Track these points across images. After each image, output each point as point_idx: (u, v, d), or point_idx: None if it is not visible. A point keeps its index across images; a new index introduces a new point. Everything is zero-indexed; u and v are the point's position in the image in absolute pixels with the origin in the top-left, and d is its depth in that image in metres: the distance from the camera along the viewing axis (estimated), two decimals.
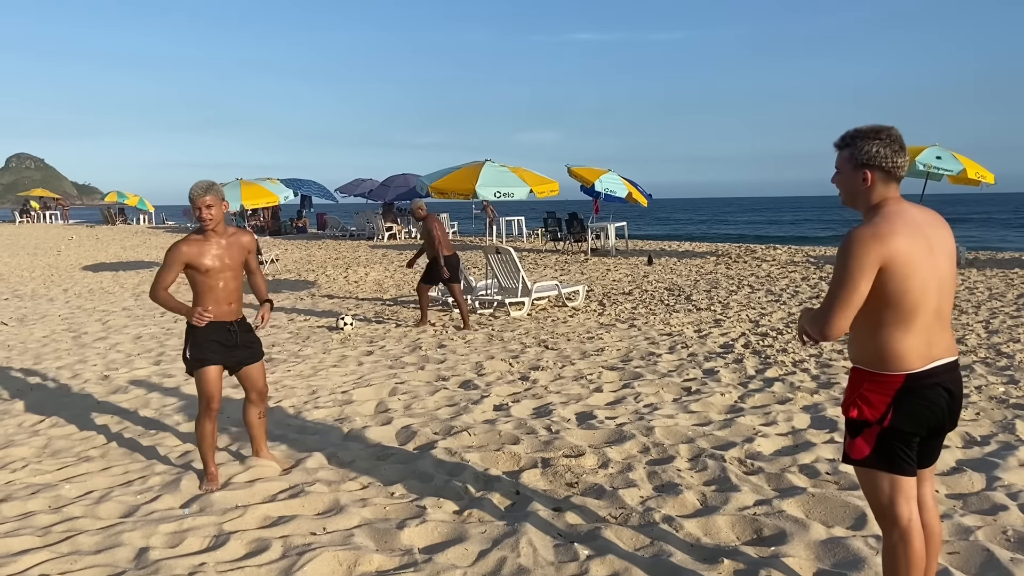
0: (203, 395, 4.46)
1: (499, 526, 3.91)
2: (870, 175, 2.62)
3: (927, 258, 2.54)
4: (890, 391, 2.59)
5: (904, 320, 2.54)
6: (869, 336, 2.61)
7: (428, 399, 6.39)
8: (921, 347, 2.57)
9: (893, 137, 2.62)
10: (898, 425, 2.60)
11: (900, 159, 2.62)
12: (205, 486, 4.47)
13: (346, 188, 31.44)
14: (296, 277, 16.83)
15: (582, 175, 19.11)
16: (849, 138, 2.67)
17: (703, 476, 4.55)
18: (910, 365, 2.57)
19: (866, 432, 2.66)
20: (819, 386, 6.54)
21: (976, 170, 15.65)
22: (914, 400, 2.59)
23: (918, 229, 2.56)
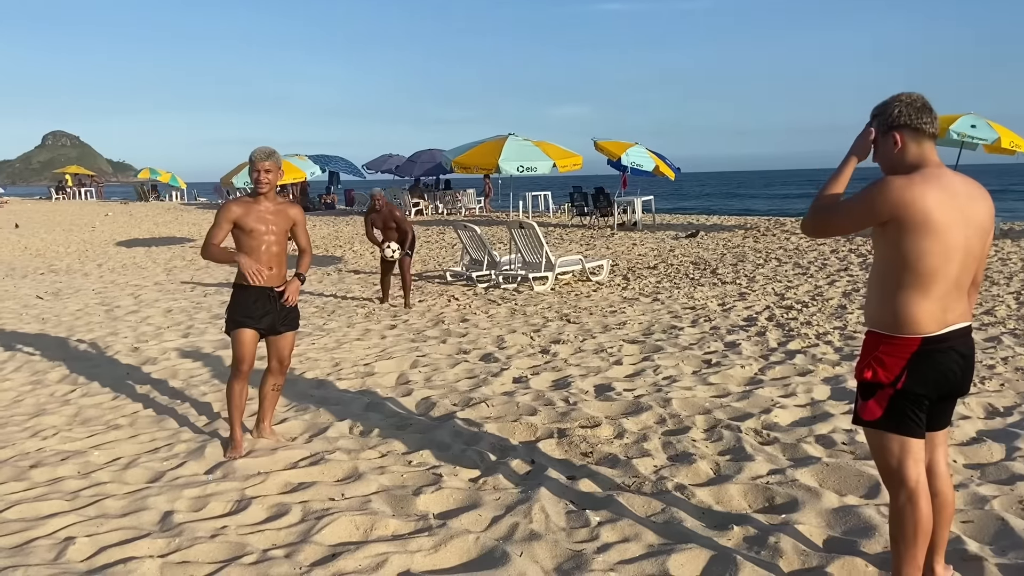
0: (235, 356, 4.59)
1: (513, 493, 3.97)
2: (898, 136, 2.64)
3: (955, 228, 2.52)
4: (905, 354, 2.61)
5: (922, 284, 2.55)
6: (887, 299, 2.63)
7: (448, 371, 6.46)
8: (937, 312, 2.58)
9: (913, 98, 2.64)
10: (911, 388, 2.63)
11: (926, 116, 2.62)
12: (229, 453, 4.57)
13: (374, 164, 31.57)
14: (323, 253, 16.98)
15: (608, 149, 18.98)
16: (875, 110, 2.73)
17: (718, 446, 4.57)
18: (925, 329, 2.58)
19: (879, 394, 2.68)
20: (842, 358, 6.49)
21: (1012, 139, 15.26)
22: (928, 363, 2.61)
23: (953, 197, 2.53)
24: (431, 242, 18.34)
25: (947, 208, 2.51)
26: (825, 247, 14.66)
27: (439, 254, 15.87)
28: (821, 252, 13.97)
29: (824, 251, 14.10)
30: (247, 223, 4.49)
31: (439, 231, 20.97)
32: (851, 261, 12.64)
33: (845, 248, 14.41)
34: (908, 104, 2.63)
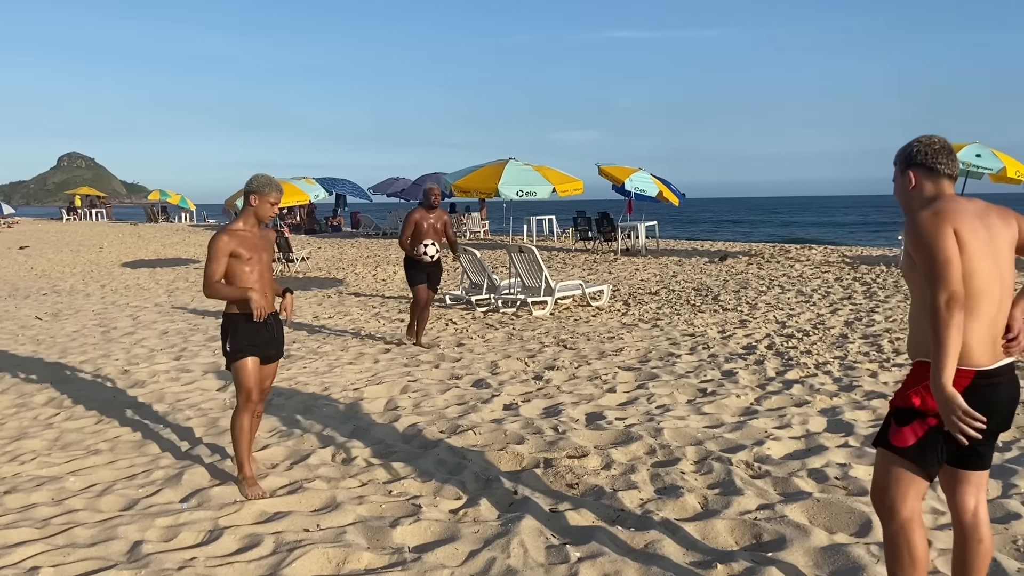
0: (243, 388, 4.34)
1: (493, 526, 3.86)
2: (913, 175, 2.68)
3: (987, 246, 2.53)
4: (958, 387, 2.50)
5: (971, 308, 2.50)
6: None
7: (439, 397, 6.36)
8: (987, 342, 2.54)
9: (932, 140, 2.68)
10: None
11: (942, 157, 2.64)
12: (249, 492, 4.29)
13: (380, 187, 31.65)
14: (326, 275, 16.97)
15: (612, 174, 18.95)
16: (900, 151, 2.76)
17: (707, 479, 4.44)
18: (979, 361, 2.54)
19: (916, 424, 2.61)
20: (840, 389, 6.36)
21: (1017, 168, 15.16)
22: (978, 399, 2.51)
23: (976, 217, 2.56)
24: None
25: (976, 229, 2.53)
26: (829, 275, 14.54)
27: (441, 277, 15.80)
28: (825, 280, 13.85)
29: (828, 279, 13.98)
30: (243, 252, 4.30)
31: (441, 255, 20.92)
32: (855, 290, 12.51)
33: (849, 276, 14.28)
34: (926, 145, 2.67)
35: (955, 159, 2.68)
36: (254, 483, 4.34)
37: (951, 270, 2.44)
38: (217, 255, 4.25)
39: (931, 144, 2.67)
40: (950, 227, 2.48)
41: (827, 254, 19.06)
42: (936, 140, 2.68)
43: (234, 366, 4.36)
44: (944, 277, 2.44)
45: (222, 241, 4.25)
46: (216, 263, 4.25)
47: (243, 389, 4.36)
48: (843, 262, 16.88)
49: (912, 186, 2.68)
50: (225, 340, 4.36)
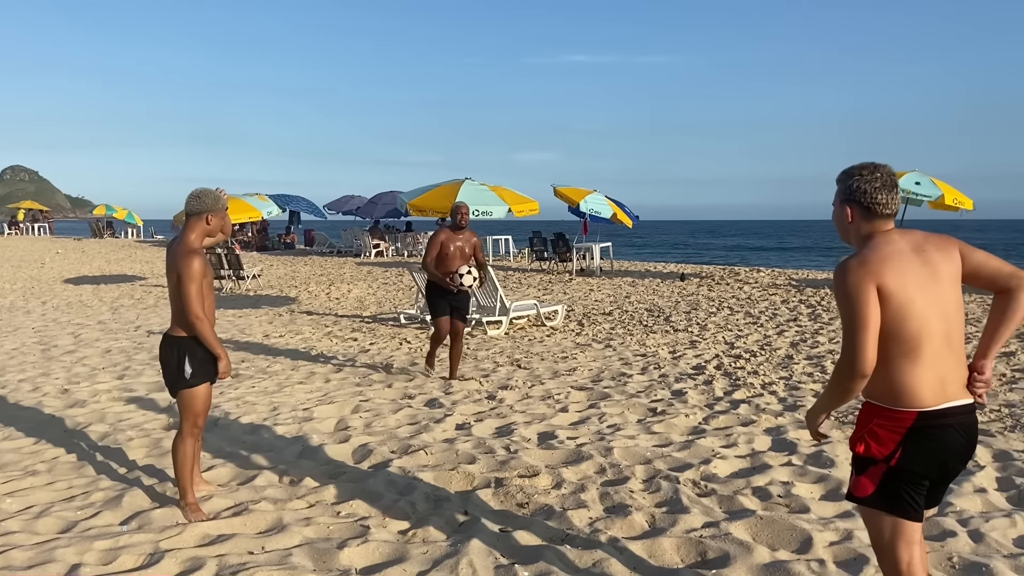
0: (193, 414, 4.21)
1: (442, 547, 3.84)
2: (850, 211, 2.61)
3: (925, 284, 2.47)
4: (901, 428, 2.48)
5: (911, 351, 2.45)
6: (879, 370, 2.50)
7: (390, 417, 6.32)
8: (934, 382, 2.46)
9: (877, 175, 2.56)
10: (906, 465, 2.50)
11: (882, 196, 2.54)
12: (191, 517, 4.17)
13: (335, 204, 31.46)
14: (278, 293, 16.75)
15: (567, 195, 19.14)
16: (840, 175, 2.66)
17: (655, 498, 4.49)
18: (922, 402, 2.46)
19: (872, 470, 2.56)
20: (785, 408, 6.50)
21: (954, 196, 15.74)
22: (925, 440, 2.47)
23: (913, 255, 2.51)
24: (388, 284, 18.21)
25: (910, 269, 2.47)
26: (777, 297, 14.85)
27: (395, 296, 15.74)
28: (772, 303, 14.14)
29: (775, 301, 14.28)
30: (208, 274, 4.18)
31: (397, 273, 20.86)
32: (800, 312, 12.80)
33: (795, 299, 14.62)
34: (867, 182, 2.56)
35: (896, 195, 2.57)
36: (197, 508, 4.24)
37: (865, 335, 2.41)
38: (196, 279, 4.06)
39: (872, 181, 2.55)
40: (873, 283, 2.43)
41: (774, 276, 19.48)
42: (878, 176, 2.56)
43: (187, 393, 4.21)
44: (856, 343, 2.42)
45: (198, 264, 4.06)
46: (196, 286, 4.05)
47: (192, 415, 4.24)
48: (790, 285, 17.26)
49: (848, 221, 2.62)
50: (183, 366, 4.19)
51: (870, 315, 2.41)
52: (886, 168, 2.59)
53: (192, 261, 4.04)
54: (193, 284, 4.03)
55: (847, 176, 2.62)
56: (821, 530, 3.93)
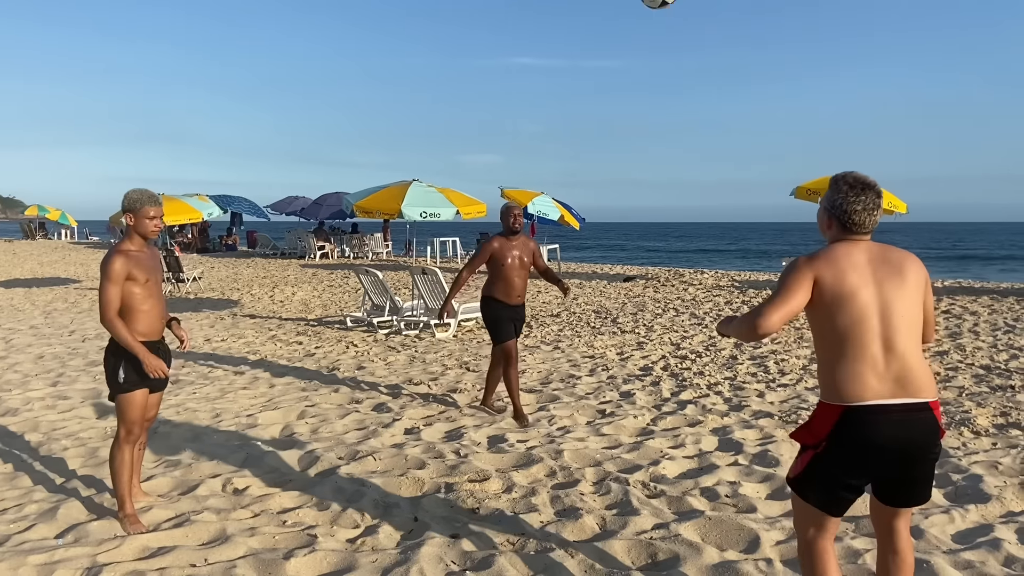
0: (128, 420, 4.07)
1: (392, 554, 3.79)
2: (828, 220, 2.75)
3: (865, 288, 2.58)
4: (829, 421, 2.60)
5: (840, 346, 2.59)
6: (820, 366, 2.69)
7: (337, 422, 6.22)
8: (866, 379, 2.54)
9: (862, 199, 2.66)
10: (830, 456, 2.61)
11: (860, 217, 2.66)
12: (130, 529, 4.03)
13: (278, 206, 30.92)
14: (219, 296, 16.38)
15: (514, 197, 19.15)
16: (832, 181, 2.75)
17: (605, 500, 4.51)
18: (849, 396, 2.55)
19: (802, 455, 2.72)
20: (730, 409, 6.60)
21: (889, 199, 16.23)
22: (849, 435, 2.56)
23: (867, 262, 2.63)
24: (334, 286, 17.97)
25: (854, 274, 2.60)
26: (720, 298, 15.11)
27: (341, 299, 15.54)
28: (716, 304, 14.38)
29: (719, 302, 14.52)
30: (139, 275, 4.02)
31: (343, 275, 20.60)
32: (744, 312, 13.04)
33: (738, 300, 14.89)
34: (851, 203, 2.66)
35: (875, 216, 2.67)
36: (136, 520, 4.09)
37: (777, 303, 2.59)
38: (116, 278, 3.94)
39: (855, 203, 2.65)
40: (811, 273, 2.61)
41: (718, 278, 19.82)
42: (862, 200, 2.66)
43: (122, 398, 4.07)
44: (767, 306, 2.60)
45: (118, 263, 3.95)
46: (114, 287, 3.95)
47: (127, 421, 4.09)
48: (732, 286, 17.58)
49: (828, 228, 2.76)
50: (117, 370, 4.05)
51: (794, 295, 2.60)
52: (873, 191, 2.67)
53: (112, 262, 3.95)
54: (111, 285, 3.94)
55: (836, 189, 2.71)
56: (768, 529, 4.00)
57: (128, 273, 3.99)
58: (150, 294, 4.09)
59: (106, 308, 3.95)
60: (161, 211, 4.15)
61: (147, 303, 4.08)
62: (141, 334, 4.05)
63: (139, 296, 4.04)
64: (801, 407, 6.60)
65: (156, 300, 4.15)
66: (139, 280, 4.03)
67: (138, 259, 4.05)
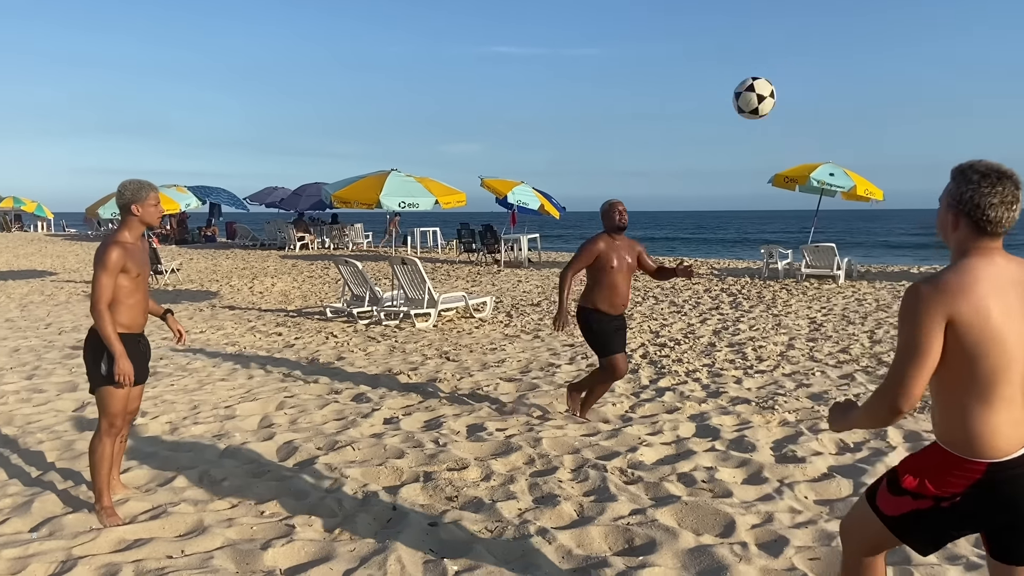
0: (109, 413, 4.02)
1: (369, 544, 3.79)
2: (954, 219, 2.26)
3: (1012, 321, 2.16)
4: (967, 477, 2.22)
5: (983, 393, 2.17)
6: (948, 412, 2.25)
7: (316, 413, 6.20)
8: (1008, 428, 2.19)
9: (998, 189, 2.19)
10: (962, 512, 2.26)
11: (997, 213, 2.18)
12: (107, 522, 4.00)
13: (257, 197, 30.69)
14: (198, 287, 16.25)
15: (495, 187, 19.13)
16: (957, 171, 2.28)
17: (583, 487, 4.54)
18: (994, 452, 2.19)
19: (909, 499, 2.33)
20: (708, 395, 6.66)
21: (866, 187, 16.38)
22: (994, 493, 2.21)
23: (1007, 287, 2.19)
24: (314, 277, 17.89)
25: (999, 301, 2.16)
26: (699, 287, 15.19)
27: (321, 290, 15.47)
28: (695, 291, 14.47)
29: (698, 291, 14.61)
30: (132, 268, 3.97)
31: (323, 266, 20.51)
32: (722, 300, 13.13)
33: (717, 288, 14.98)
34: (985, 196, 2.19)
35: (1014, 215, 2.21)
36: (112, 512, 4.06)
37: (915, 368, 2.16)
38: (111, 270, 3.89)
39: (991, 195, 2.18)
40: (944, 313, 2.14)
41: (697, 266, 19.93)
42: (999, 191, 2.18)
43: (104, 391, 4.02)
44: (904, 374, 2.18)
45: (115, 254, 3.89)
46: (109, 278, 3.89)
47: (109, 414, 4.04)
48: (712, 274, 17.69)
49: (953, 230, 2.28)
50: (99, 362, 3.98)
51: (929, 349, 2.15)
52: (1012, 181, 2.20)
53: (109, 252, 3.90)
54: (106, 276, 3.89)
55: (964, 180, 2.24)
56: (743, 513, 4.04)
57: (123, 265, 3.94)
58: (137, 287, 4.05)
59: (99, 299, 3.89)
60: (159, 197, 4.15)
61: (133, 297, 4.04)
62: (124, 326, 4.01)
63: (127, 289, 3.99)
64: (778, 393, 6.67)
65: (143, 294, 4.11)
66: (131, 273, 3.99)
67: (133, 251, 4.02)
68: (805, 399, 6.48)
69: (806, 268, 16.01)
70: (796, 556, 3.59)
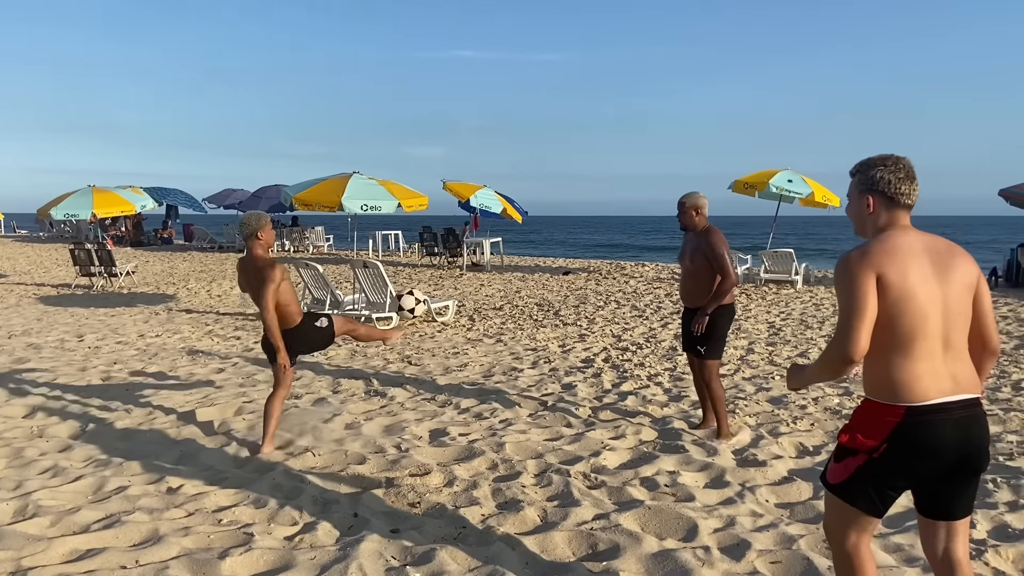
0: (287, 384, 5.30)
1: (330, 551, 3.73)
2: (872, 200, 2.57)
3: (927, 283, 2.44)
4: (889, 422, 2.44)
5: (904, 345, 2.42)
6: (872, 364, 2.50)
7: None
8: (927, 377, 2.42)
9: (899, 165, 2.56)
10: (890, 459, 2.46)
11: (904, 186, 2.54)
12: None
13: (215, 198, 30.26)
14: (154, 290, 15.91)
15: (457, 190, 19.08)
16: (858, 166, 2.64)
17: (547, 492, 4.53)
18: (912, 396, 2.42)
19: (849, 460, 2.55)
20: (670, 399, 6.70)
21: (823, 193, 16.69)
22: (913, 436, 2.42)
23: (920, 253, 2.48)
24: None
25: (914, 266, 2.44)
26: (661, 291, 15.33)
27: None
28: (656, 296, 14.59)
29: (660, 295, 14.73)
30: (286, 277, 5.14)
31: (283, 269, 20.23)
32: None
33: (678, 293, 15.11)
34: (892, 172, 2.54)
35: (915, 187, 2.56)
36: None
37: (859, 322, 2.39)
38: (277, 280, 4.96)
39: (896, 171, 2.54)
40: (873, 273, 2.42)
41: (659, 271, 20.11)
42: (902, 167, 2.56)
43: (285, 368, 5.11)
44: (849, 329, 2.40)
45: (279, 270, 4.98)
46: (275, 286, 4.96)
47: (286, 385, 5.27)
48: (673, 278, 17.86)
49: (869, 211, 2.59)
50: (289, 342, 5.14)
51: (867, 303, 2.40)
52: (907, 159, 2.58)
53: (273, 270, 4.96)
54: (272, 285, 4.94)
55: (868, 167, 2.59)
56: (706, 517, 4.07)
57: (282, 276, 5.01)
58: (291, 290, 5.20)
59: (270, 305, 4.94)
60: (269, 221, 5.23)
61: (291, 296, 5.19)
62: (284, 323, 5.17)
63: (289, 294, 5.14)
64: (738, 396, 6.74)
65: (294, 294, 5.25)
66: (286, 282, 5.06)
67: (282, 266, 5.07)
68: (765, 403, 6.56)
69: (765, 273, 16.26)
70: (758, 559, 3.62)
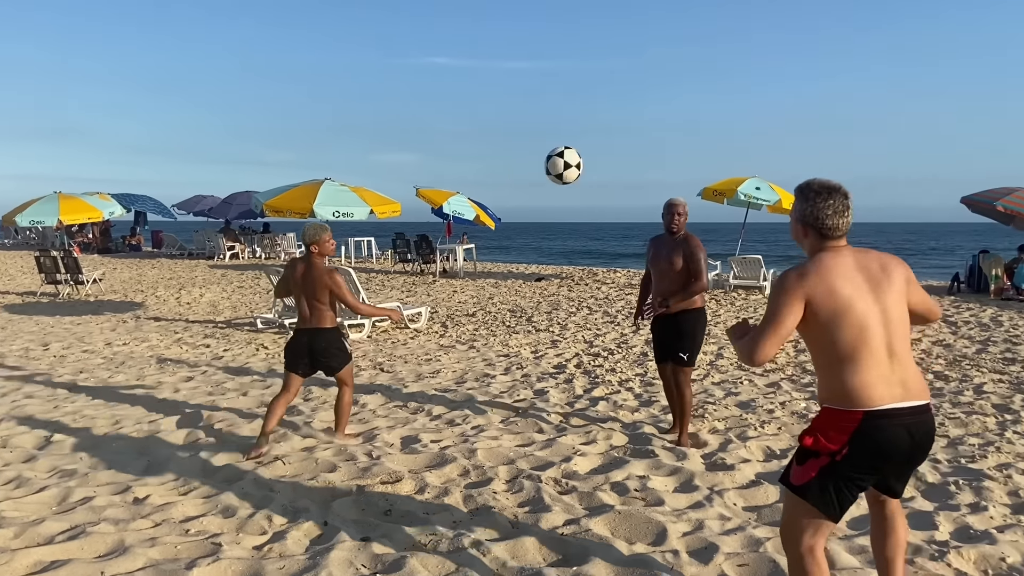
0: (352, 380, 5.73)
1: (300, 560, 3.71)
2: (801, 229, 2.78)
3: (863, 298, 2.61)
4: (848, 427, 2.61)
5: (850, 357, 2.60)
6: (825, 375, 2.68)
7: (245, 427, 6.04)
8: (877, 384, 2.59)
9: (830, 203, 2.70)
10: (851, 461, 2.62)
11: (833, 221, 2.70)
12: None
13: (185, 205, 29.95)
14: (122, 298, 15.69)
15: (430, 197, 19.06)
16: (797, 191, 2.80)
17: (518, 498, 4.54)
18: (867, 402, 2.59)
19: (812, 462, 2.68)
20: (641, 404, 6.75)
21: (791, 200, 16.87)
22: (871, 439, 2.59)
23: (853, 271, 2.66)
24: (244, 287, 17.48)
25: (848, 283, 2.62)
26: (632, 297, 15.42)
27: (252, 300, 15.13)
28: (628, 302, 14.67)
29: (631, 301, 14.81)
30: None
31: (254, 276, 20.07)
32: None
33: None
34: (821, 209, 2.70)
35: (847, 218, 2.72)
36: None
37: (770, 333, 2.63)
38: (343, 284, 5.42)
39: (825, 208, 2.70)
40: (803, 296, 2.61)
41: (630, 277, 20.23)
42: (831, 204, 2.70)
43: (350, 365, 5.65)
44: (760, 336, 2.65)
45: (339, 275, 5.43)
46: (346, 288, 5.44)
47: (351, 379, 5.70)
48: None
49: (804, 237, 2.78)
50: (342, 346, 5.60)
51: (785, 322, 2.63)
52: (840, 193, 2.71)
53: (334, 276, 5.40)
54: (343, 288, 5.39)
55: (804, 198, 2.75)
56: (675, 521, 4.10)
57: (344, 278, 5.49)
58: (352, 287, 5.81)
59: (351, 302, 5.45)
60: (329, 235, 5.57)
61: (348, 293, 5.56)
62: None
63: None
64: (707, 401, 6.81)
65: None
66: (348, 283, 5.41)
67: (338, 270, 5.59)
68: (734, 407, 6.63)
69: (734, 279, 16.42)
70: (726, 563, 3.66)
